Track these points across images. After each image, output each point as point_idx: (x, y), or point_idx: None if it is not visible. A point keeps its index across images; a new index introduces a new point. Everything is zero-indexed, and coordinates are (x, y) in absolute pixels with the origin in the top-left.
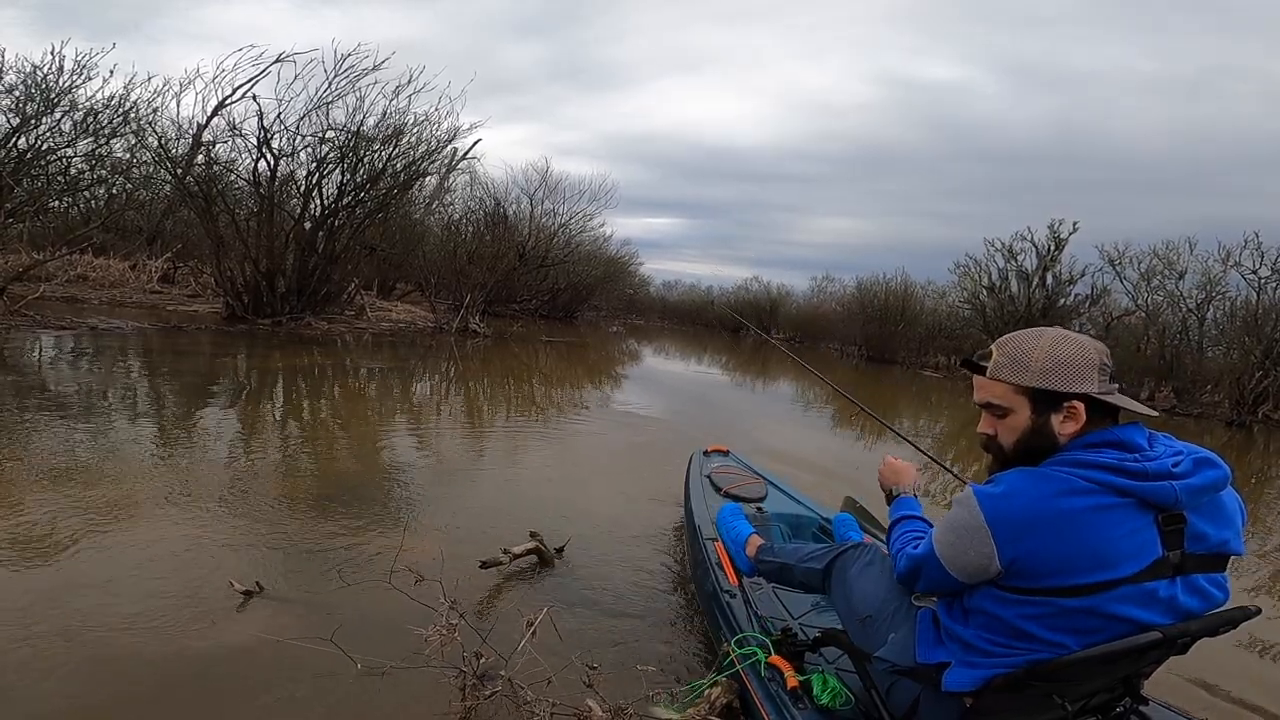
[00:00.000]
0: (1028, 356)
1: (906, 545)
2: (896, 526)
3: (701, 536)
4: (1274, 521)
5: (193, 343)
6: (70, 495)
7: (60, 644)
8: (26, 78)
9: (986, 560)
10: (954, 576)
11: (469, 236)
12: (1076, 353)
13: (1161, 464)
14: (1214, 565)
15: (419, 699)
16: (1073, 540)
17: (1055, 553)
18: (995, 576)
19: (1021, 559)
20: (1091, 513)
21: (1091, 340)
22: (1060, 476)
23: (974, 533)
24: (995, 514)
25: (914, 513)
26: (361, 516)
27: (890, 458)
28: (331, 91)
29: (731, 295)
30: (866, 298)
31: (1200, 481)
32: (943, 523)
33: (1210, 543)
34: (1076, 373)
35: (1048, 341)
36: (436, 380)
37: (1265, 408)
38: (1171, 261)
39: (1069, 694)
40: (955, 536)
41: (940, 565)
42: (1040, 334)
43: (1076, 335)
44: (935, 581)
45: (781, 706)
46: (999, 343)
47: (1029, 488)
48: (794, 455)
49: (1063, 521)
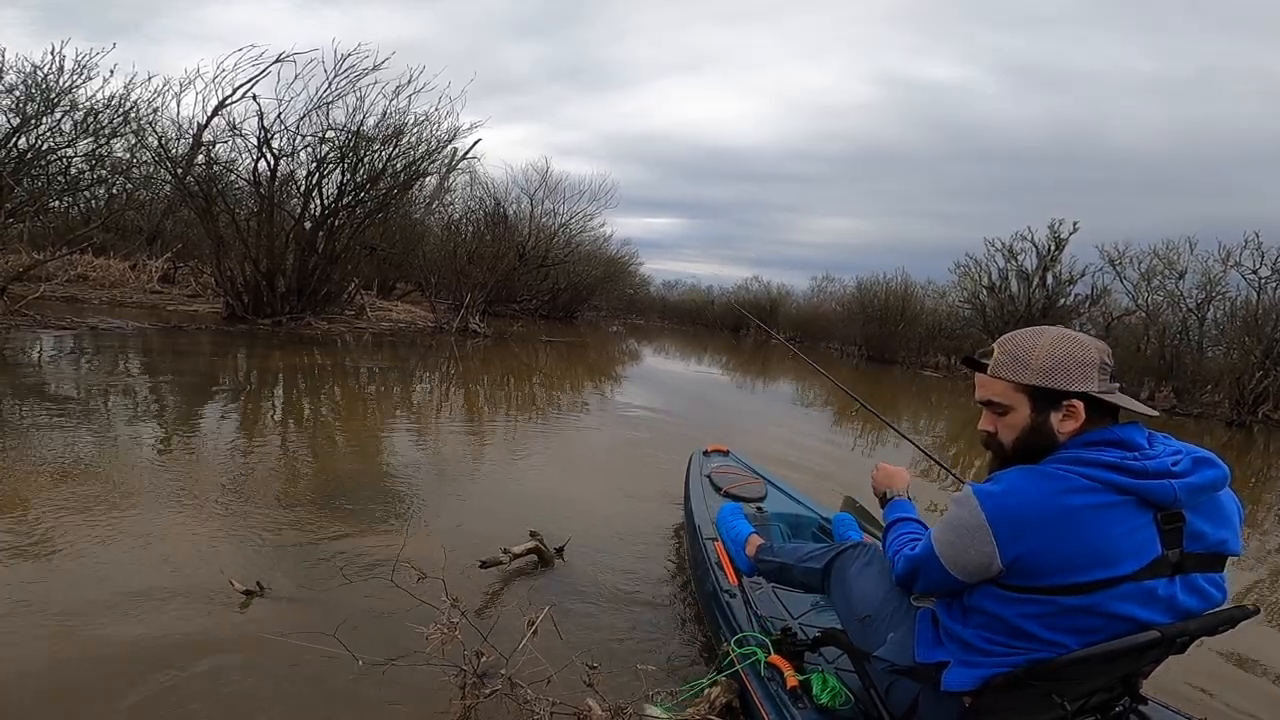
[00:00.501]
0: (1028, 355)
1: (904, 547)
2: (892, 529)
3: (701, 536)
4: (1273, 522)
5: (193, 343)
6: (70, 495)
7: (60, 644)
8: (27, 78)
9: (987, 559)
10: (954, 576)
11: (469, 236)
12: (1077, 352)
13: (1161, 462)
14: (1212, 565)
15: (419, 696)
16: (1073, 538)
17: (1056, 551)
18: (996, 575)
19: (1023, 557)
20: (1091, 511)
21: (1093, 340)
22: (1060, 474)
23: (975, 531)
24: (996, 512)
25: (909, 515)
26: (362, 516)
27: (883, 464)
28: (331, 91)
29: (731, 295)
30: (866, 297)
31: (1199, 480)
32: (942, 522)
33: (1208, 542)
34: (1076, 372)
35: (1048, 340)
36: (437, 380)
37: (1265, 408)
38: (1171, 261)
39: (1068, 693)
40: (955, 536)
41: (940, 565)
42: (1041, 332)
43: (1078, 334)
44: (935, 582)
45: (781, 706)
46: (1000, 341)
47: (1029, 486)
48: (794, 455)
49: (1063, 519)
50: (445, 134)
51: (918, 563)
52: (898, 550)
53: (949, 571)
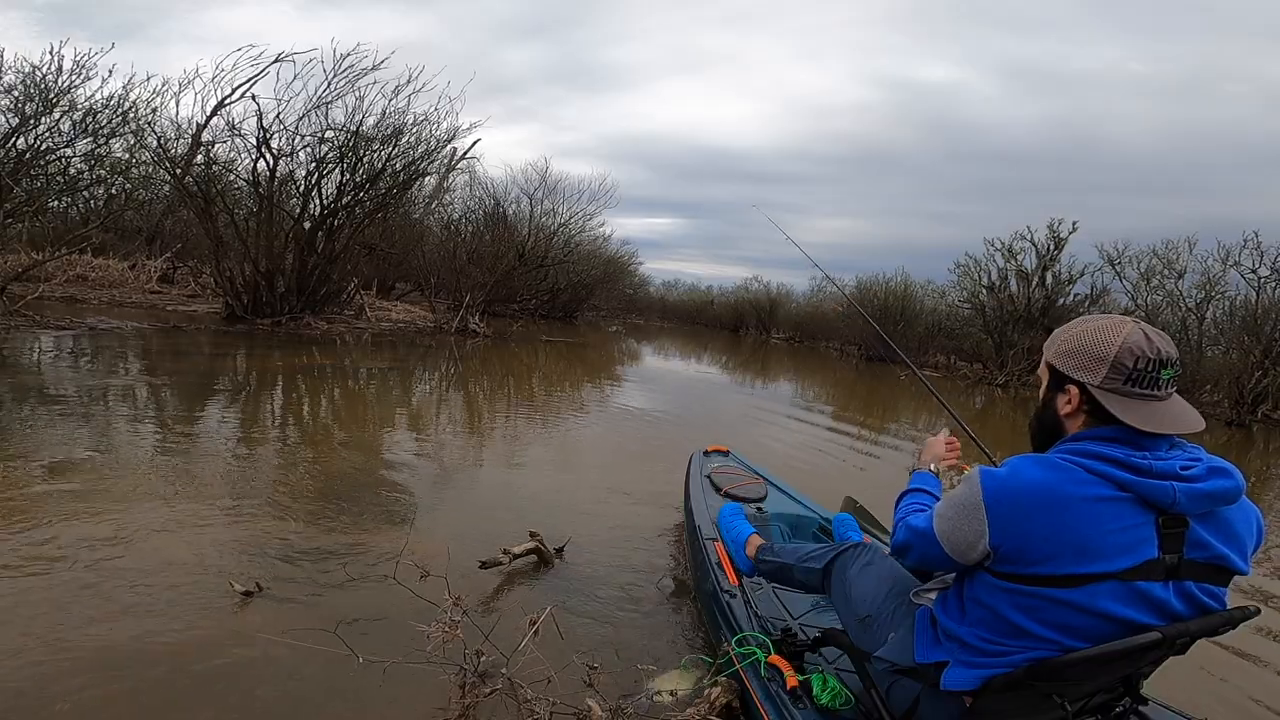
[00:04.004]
0: (1064, 334)
1: (908, 515)
2: (904, 497)
3: (701, 536)
4: (1273, 522)
5: (192, 343)
6: (69, 495)
7: (60, 645)
8: (25, 78)
9: (975, 538)
10: (945, 552)
11: (468, 236)
12: (1091, 343)
13: (1169, 465)
14: (1214, 577)
15: (420, 695)
16: (1062, 527)
17: (1044, 537)
18: (983, 558)
19: (1010, 540)
20: (1088, 502)
21: (1137, 339)
22: (1065, 464)
23: (971, 510)
24: (993, 493)
25: (925, 487)
26: (362, 516)
27: (937, 435)
28: (331, 91)
29: (731, 295)
30: (866, 297)
31: (1206, 488)
32: (945, 498)
33: (1211, 553)
34: (1083, 361)
35: (1086, 325)
36: (436, 380)
37: (1265, 407)
38: (1171, 261)
39: (1069, 694)
40: (954, 512)
41: (935, 540)
42: (1090, 320)
43: (1121, 328)
44: (928, 556)
45: (781, 706)
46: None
47: (1032, 472)
48: (794, 454)
49: (1057, 507)
50: (445, 134)
51: (915, 534)
52: (902, 518)
53: (941, 546)
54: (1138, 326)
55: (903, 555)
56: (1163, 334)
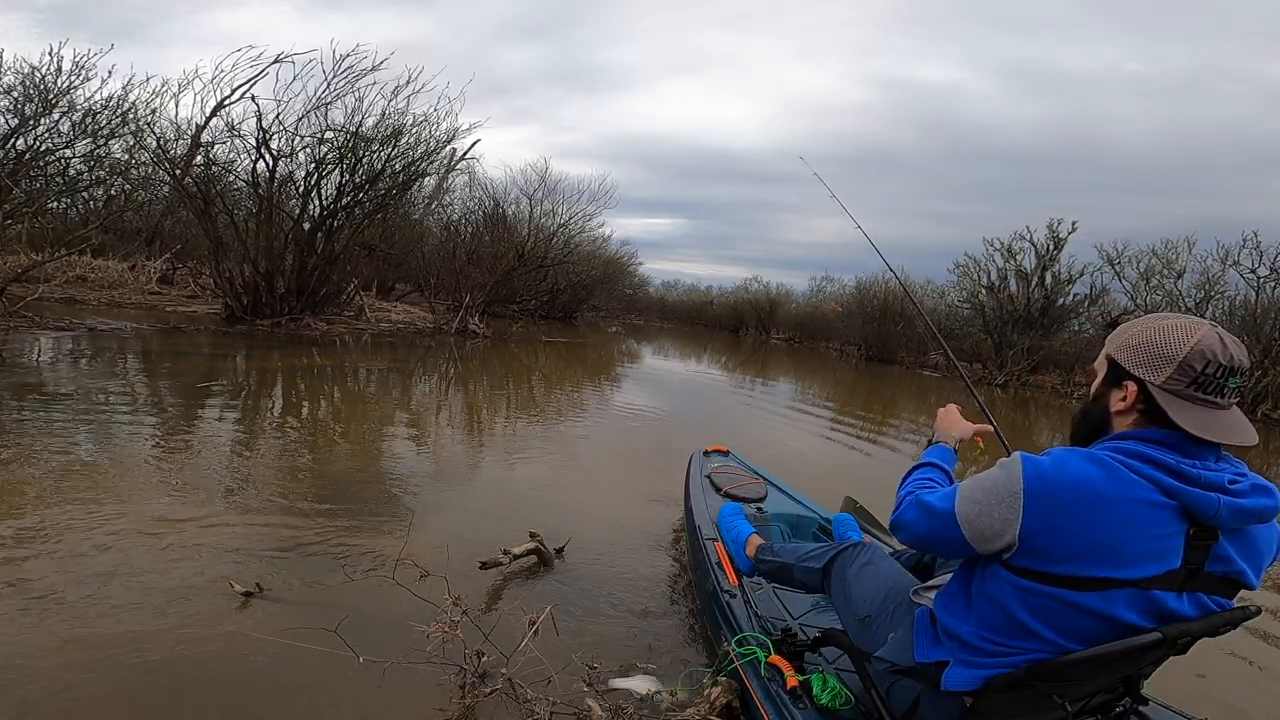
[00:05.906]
0: (1133, 328)
1: (919, 489)
2: (916, 470)
3: (701, 536)
4: None
5: (192, 344)
6: (68, 496)
7: (59, 645)
8: (25, 78)
9: (1004, 526)
10: (963, 536)
11: (468, 237)
12: (1163, 340)
13: (1218, 477)
14: (1224, 590)
15: (420, 695)
16: (1099, 527)
17: (1077, 534)
18: (1006, 549)
19: (1041, 534)
20: (1129, 504)
21: (1211, 343)
22: (1110, 462)
23: (1006, 497)
24: (1035, 483)
25: (939, 462)
26: (362, 516)
27: (953, 407)
28: (330, 92)
29: (731, 295)
30: (866, 297)
31: (1249, 505)
32: (974, 480)
33: (1231, 568)
34: (1148, 358)
35: (1160, 323)
36: (436, 381)
37: (1264, 407)
38: (1170, 261)
39: (1069, 694)
40: (984, 495)
41: (954, 522)
42: (1166, 318)
43: (1197, 330)
44: (937, 538)
45: (781, 706)
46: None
47: (1078, 465)
48: (793, 454)
49: (1099, 506)
50: (444, 135)
51: (929, 513)
52: (911, 490)
53: (960, 529)
54: (1214, 330)
55: (904, 531)
56: (1239, 342)
